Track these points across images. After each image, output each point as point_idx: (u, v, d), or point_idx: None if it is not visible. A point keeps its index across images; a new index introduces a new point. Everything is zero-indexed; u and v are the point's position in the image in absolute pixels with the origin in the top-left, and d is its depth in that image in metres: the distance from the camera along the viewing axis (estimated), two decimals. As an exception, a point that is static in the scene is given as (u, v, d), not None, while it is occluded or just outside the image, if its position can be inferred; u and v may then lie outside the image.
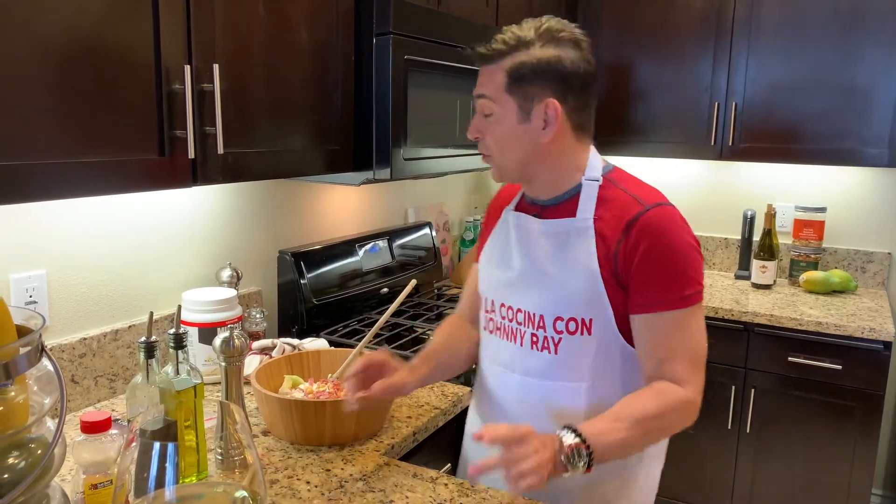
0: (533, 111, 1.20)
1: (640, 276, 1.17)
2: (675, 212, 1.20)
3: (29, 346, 0.75)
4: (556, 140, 1.21)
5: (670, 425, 1.18)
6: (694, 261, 1.18)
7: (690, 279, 1.17)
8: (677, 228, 1.18)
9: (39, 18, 1.07)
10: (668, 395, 1.16)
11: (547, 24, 1.22)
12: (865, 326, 2.39)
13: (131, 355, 1.66)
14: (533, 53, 1.19)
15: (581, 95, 1.22)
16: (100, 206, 1.60)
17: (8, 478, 0.72)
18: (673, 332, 1.18)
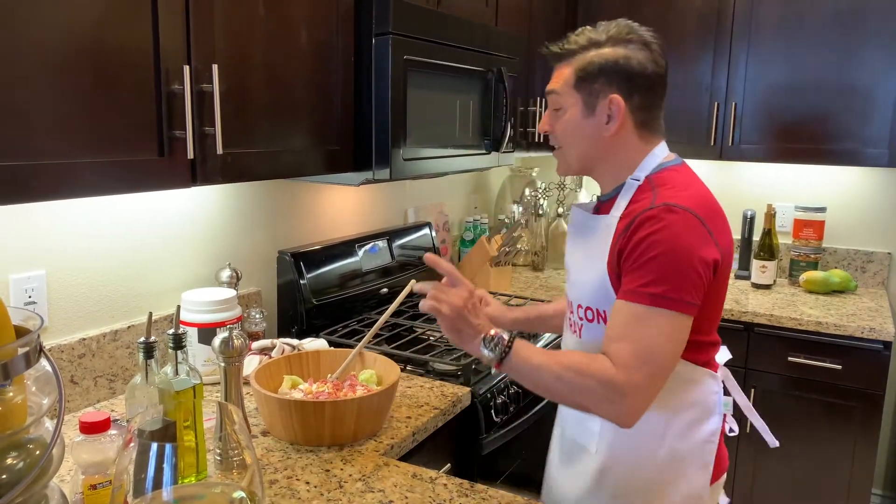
0: (598, 106, 1.28)
1: (625, 266, 1.20)
2: (683, 217, 1.17)
3: (27, 346, 0.75)
4: (619, 135, 1.28)
5: (584, 389, 1.16)
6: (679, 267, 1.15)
7: (666, 281, 1.15)
8: (674, 230, 1.16)
9: (39, 19, 1.07)
10: (596, 364, 1.16)
11: (617, 27, 1.29)
12: (865, 326, 2.39)
13: (130, 356, 1.66)
14: (602, 53, 1.27)
15: (647, 95, 1.28)
16: (99, 206, 1.60)
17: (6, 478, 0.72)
18: (631, 321, 1.17)
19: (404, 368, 1.84)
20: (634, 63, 1.26)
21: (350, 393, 1.46)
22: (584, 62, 1.28)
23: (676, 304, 1.15)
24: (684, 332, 1.18)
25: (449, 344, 1.98)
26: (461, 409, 1.69)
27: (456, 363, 1.80)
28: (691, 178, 1.29)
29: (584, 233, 1.35)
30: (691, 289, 1.16)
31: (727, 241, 1.25)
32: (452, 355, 1.87)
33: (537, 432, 2.16)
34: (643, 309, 1.16)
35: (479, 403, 1.75)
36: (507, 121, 2.23)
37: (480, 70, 2.12)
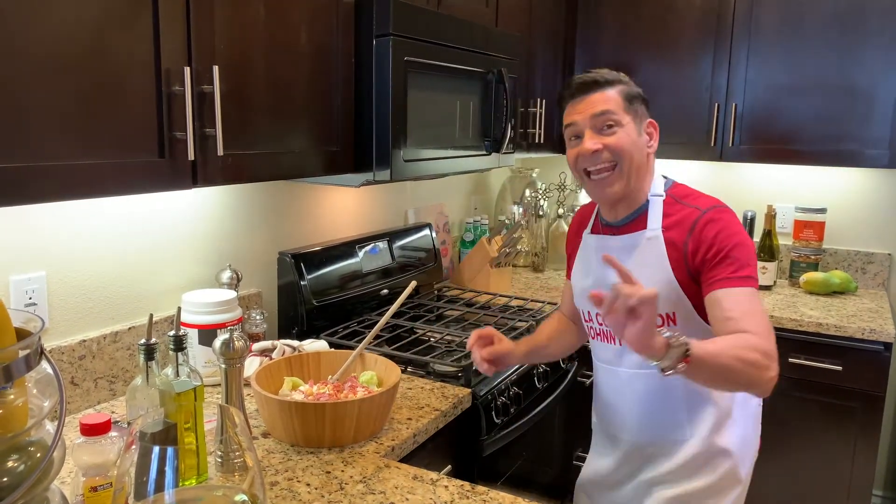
0: (643, 128, 1.47)
1: (707, 261, 1.35)
2: (732, 214, 1.41)
3: (28, 348, 0.75)
4: (651, 155, 1.50)
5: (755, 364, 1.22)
6: (752, 252, 1.37)
7: (749, 265, 1.33)
8: (736, 223, 1.39)
9: (40, 20, 1.07)
10: (749, 339, 1.24)
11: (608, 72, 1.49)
12: (866, 327, 2.39)
13: (131, 357, 1.66)
14: (631, 85, 1.48)
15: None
16: (99, 207, 1.59)
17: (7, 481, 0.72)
18: (742, 301, 1.30)
19: (405, 370, 1.84)
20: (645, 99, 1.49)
21: (351, 394, 1.46)
22: (624, 89, 1.45)
23: (756, 282, 1.35)
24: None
25: (449, 345, 1.98)
26: (462, 410, 1.69)
27: (457, 364, 1.80)
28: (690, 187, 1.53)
29: (623, 252, 1.45)
30: (756, 268, 1.37)
31: None
32: (453, 356, 1.86)
33: (538, 434, 2.16)
34: (745, 290, 1.31)
35: (480, 405, 1.75)
36: (507, 122, 2.23)
37: (481, 71, 2.12)
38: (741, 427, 1.50)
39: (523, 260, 3.24)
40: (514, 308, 2.40)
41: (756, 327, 1.26)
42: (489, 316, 2.29)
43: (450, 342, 2.02)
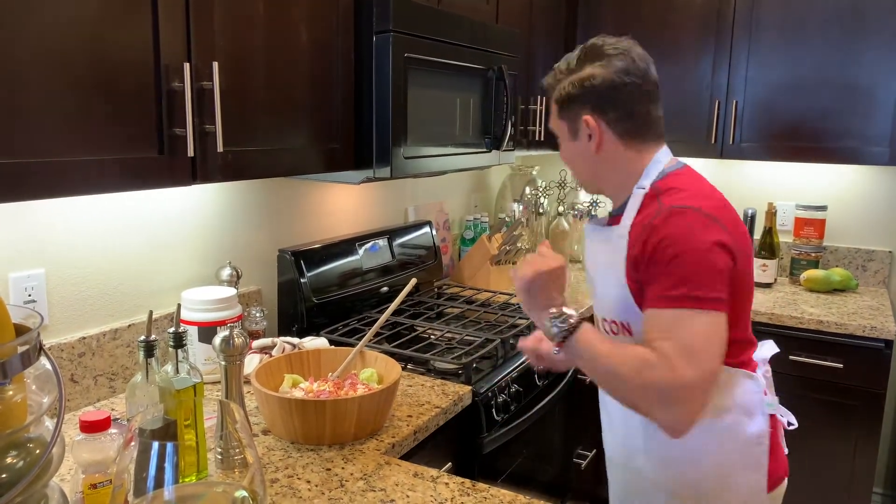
0: (580, 130, 1.33)
1: (647, 275, 1.20)
2: (690, 216, 1.19)
3: (27, 344, 0.75)
4: (604, 150, 1.32)
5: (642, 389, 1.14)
6: (697, 266, 1.15)
7: (688, 281, 1.14)
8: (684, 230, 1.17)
9: (39, 16, 1.06)
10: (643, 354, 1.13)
11: (583, 49, 1.33)
12: (866, 325, 2.39)
13: (131, 354, 1.66)
14: (571, 79, 1.32)
15: (621, 106, 1.29)
16: (99, 204, 1.59)
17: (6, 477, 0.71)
18: (665, 326, 1.15)
19: (405, 367, 1.84)
20: (599, 80, 1.29)
21: (351, 392, 1.46)
22: (560, 93, 1.34)
23: (702, 303, 1.13)
24: (719, 329, 1.14)
25: (450, 343, 1.98)
26: (462, 407, 1.69)
27: (457, 362, 1.80)
28: (694, 178, 1.30)
29: (599, 246, 1.36)
30: (715, 283, 1.15)
31: (741, 233, 1.24)
32: (453, 354, 1.86)
33: (538, 431, 2.16)
34: (673, 313, 1.14)
35: (480, 402, 1.75)
36: (507, 119, 2.23)
37: (481, 68, 2.12)
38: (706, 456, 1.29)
39: (523, 257, 3.23)
40: (514, 306, 2.39)
41: (667, 349, 1.11)
42: (489, 314, 2.29)
43: (450, 340, 2.01)
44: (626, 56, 1.29)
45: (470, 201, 3.21)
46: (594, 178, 1.38)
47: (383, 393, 1.41)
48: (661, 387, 1.11)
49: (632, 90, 1.29)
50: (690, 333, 1.12)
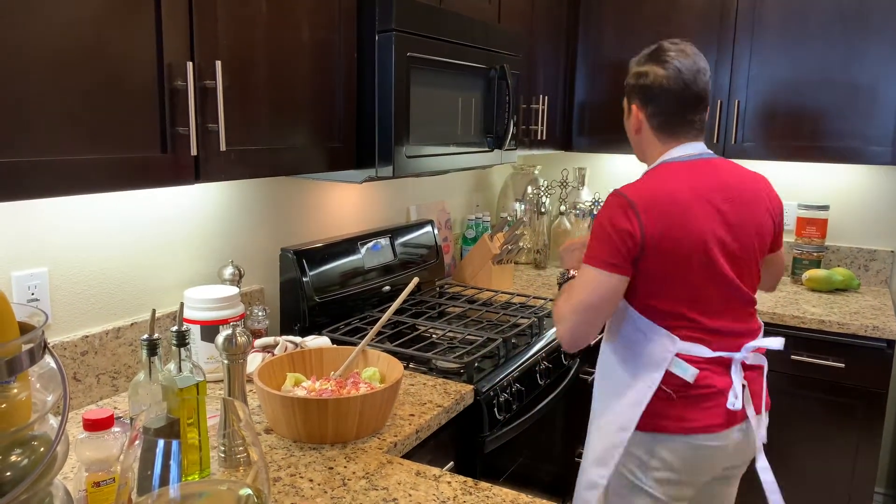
0: (630, 114, 1.67)
1: None
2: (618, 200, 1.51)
3: (31, 343, 0.75)
4: (641, 134, 1.66)
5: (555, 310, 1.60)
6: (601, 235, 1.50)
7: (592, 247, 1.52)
8: (606, 210, 1.52)
9: (41, 15, 1.06)
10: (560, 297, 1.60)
11: (650, 49, 1.64)
12: (868, 325, 2.38)
13: (133, 353, 1.66)
14: (633, 71, 1.65)
15: (661, 104, 1.60)
16: (102, 203, 1.59)
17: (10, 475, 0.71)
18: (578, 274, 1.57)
19: (407, 366, 1.84)
20: (650, 80, 1.60)
21: (353, 391, 1.46)
22: (626, 81, 1.68)
23: (594, 262, 1.51)
24: (608, 285, 1.50)
25: (452, 342, 1.98)
26: (464, 406, 1.69)
27: (459, 361, 1.80)
28: (669, 174, 1.55)
29: None
30: (611, 252, 1.49)
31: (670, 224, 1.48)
32: (455, 353, 1.86)
33: (540, 430, 2.16)
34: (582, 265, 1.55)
35: (482, 401, 1.75)
36: (509, 118, 2.23)
37: (483, 67, 2.12)
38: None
39: (525, 257, 3.23)
40: (516, 305, 2.40)
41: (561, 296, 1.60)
42: (491, 313, 2.29)
43: (452, 339, 2.02)
44: (677, 66, 1.57)
45: (472, 200, 3.21)
46: (637, 152, 1.72)
47: (385, 392, 1.42)
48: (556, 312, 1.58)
49: (672, 96, 1.58)
50: (581, 282, 1.53)
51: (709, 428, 1.52)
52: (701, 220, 1.49)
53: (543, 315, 2.27)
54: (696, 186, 1.52)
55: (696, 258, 1.49)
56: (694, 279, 1.51)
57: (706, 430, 1.52)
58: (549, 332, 2.21)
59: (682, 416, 1.52)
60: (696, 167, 1.56)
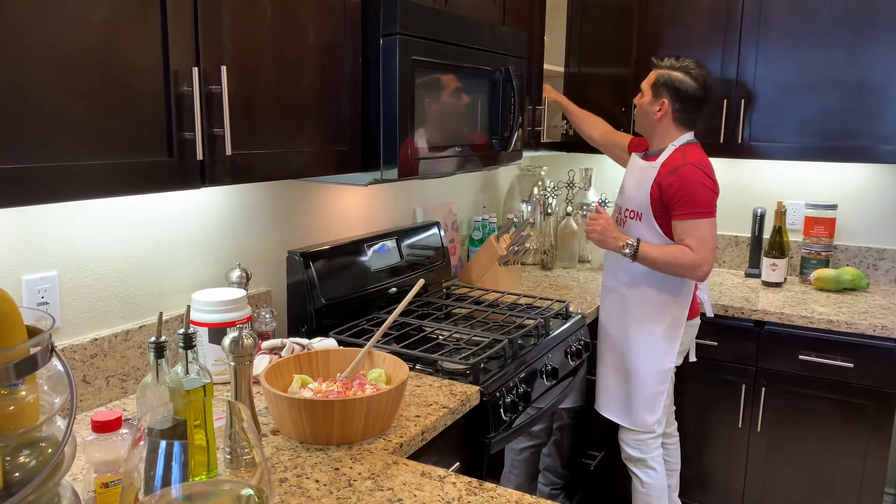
0: (656, 102, 2.26)
1: (672, 200, 2.17)
2: (698, 169, 2.16)
3: (39, 346, 0.76)
4: (661, 120, 2.27)
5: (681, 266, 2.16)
6: (705, 194, 2.14)
7: (701, 203, 2.14)
8: (697, 176, 2.15)
9: (48, 22, 1.08)
10: (684, 251, 2.15)
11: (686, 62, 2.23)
12: (877, 324, 2.37)
13: (142, 355, 1.67)
14: (670, 73, 2.23)
15: (685, 105, 2.24)
16: (110, 207, 1.61)
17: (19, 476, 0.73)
18: (691, 228, 2.15)
19: (413, 367, 1.85)
20: (685, 86, 2.22)
21: (359, 392, 1.47)
22: (659, 77, 2.25)
23: (708, 214, 2.15)
24: (715, 227, 2.17)
25: (458, 343, 1.99)
26: (470, 407, 1.70)
27: (465, 362, 1.80)
28: (700, 150, 2.26)
29: (637, 171, 2.32)
30: (710, 202, 2.15)
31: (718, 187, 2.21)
32: (461, 354, 1.87)
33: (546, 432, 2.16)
34: (693, 221, 2.14)
35: (488, 402, 1.75)
36: (514, 120, 2.23)
37: (488, 69, 2.12)
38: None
39: (532, 258, 3.23)
40: (522, 306, 2.40)
41: (692, 245, 2.14)
42: (497, 314, 2.30)
43: (458, 340, 2.02)
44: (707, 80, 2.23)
45: (478, 202, 3.21)
46: (648, 129, 2.32)
47: (391, 393, 1.43)
48: (693, 260, 2.14)
49: (695, 102, 2.23)
50: (704, 230, 2.14)
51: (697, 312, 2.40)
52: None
53: (550, 316, 2.27)
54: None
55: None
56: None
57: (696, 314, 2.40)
58: (555, 332, 2.21)
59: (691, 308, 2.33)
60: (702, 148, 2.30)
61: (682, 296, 2.28)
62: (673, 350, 2.30)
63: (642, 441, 2.37)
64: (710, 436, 2.68)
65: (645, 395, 2.32)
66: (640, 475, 2.40)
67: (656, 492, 2.38)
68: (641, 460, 2.38)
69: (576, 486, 2.55)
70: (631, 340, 2.32)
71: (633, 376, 2.33)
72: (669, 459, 2.53)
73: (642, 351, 2.30)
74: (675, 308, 2.28)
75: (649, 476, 2.38)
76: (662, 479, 2.39)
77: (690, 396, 2.69)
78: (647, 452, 2.37)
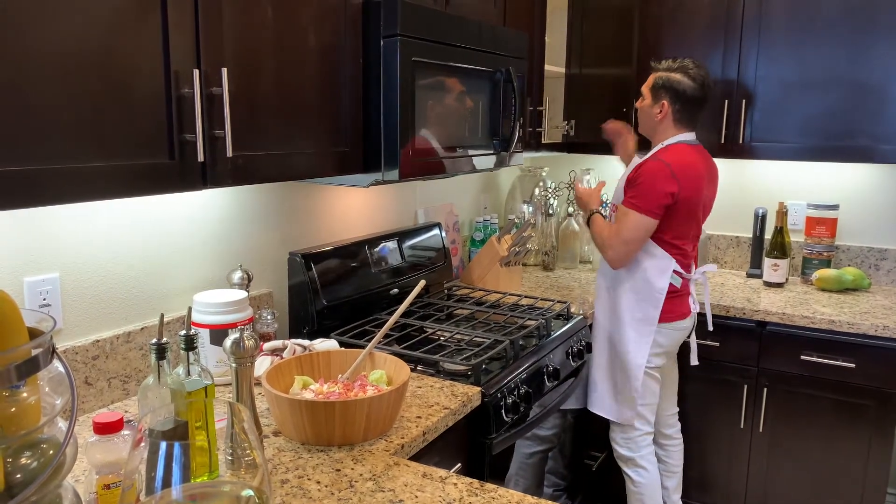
0: (656, 104, 2.30)
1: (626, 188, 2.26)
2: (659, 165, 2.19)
3: (40, 347, 0.76)
4: (662, 120, 2.30)
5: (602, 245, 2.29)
6: (648, 188, 2.17)
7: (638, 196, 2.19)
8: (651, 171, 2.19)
9: (50, 24, 1.08)
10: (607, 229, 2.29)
11: (684, 61, 2.27)
12: (879, 324, 2.37)
13: (144, 357, 1.68)
14: (669, 75, 2.26)
15: (684, 105, 2.27)
16: (112, 209, 1.61)
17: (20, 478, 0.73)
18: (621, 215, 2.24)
19: (414, 368, 1.85)
20: (683, 86, 2.25)
21: (360, 393, 1.47)
22: (658, 79, 2.28)
23: (642, 209, 2.18)
24: (644, 225, 2.19)
25: (459, 344, 1.99)
26: (471, 408, 1.70)
27: (466, 363, 1.80)
28: (685, 150, 2.25)
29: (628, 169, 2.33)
30: (652, 202, 2.17)
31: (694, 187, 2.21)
32: (462, 355, 1.87)
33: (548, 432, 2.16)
34: (624, 209, 2.22)
35: (490, 403, 1.75)
36: (516, 121, 2.24)
37: (489, 70, 2.13)
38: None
39: (533, 259, 3.23)
40: (523, 307, 2.40)
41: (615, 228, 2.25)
42: (499, 315, 2.30)
43: (459, 341, 2.02)
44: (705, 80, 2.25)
45: (479, 203, 3.21)
46: (650, 131, 2.36)
47: (392, 394, 1.43)
48: (605, 239, 2.26)
49: (694, 101, 2.26)
50: (626, 221, 2.21)
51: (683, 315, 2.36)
52: (702, 186, 2.24)
53: (551, 317, 2.27)
54: (702, 163, 2.26)
55: (696, 212, 2.27)
56: (692, 225, 2.30)
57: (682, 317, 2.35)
58: (556, 333, 2.21)
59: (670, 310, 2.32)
60: (698, 150, 2.30)
61: (653, 295, 2.29)
62: (644, 348, 2.31)
63: (630, 439, 2.38)
64: (712, 436, 2.68)
65: (620, 388, 2.37)
66: (631, 474, 2.41)
67: (649, 491, 2.38)
68: (631, 459, 2.39)
69: (578, 487, 2.55)
70: (612, 336, 2.38)
71: (613, 371, 2.39)
72: (670, 461, 2.53)
73: (619, 346, 2.36)
74: (647, 306, 2.30)
75: (640, 475, 2.39)
76: (654, 478, 2.39)
77: (692, 397, 2.68)
78: (636, 451, 2.38)
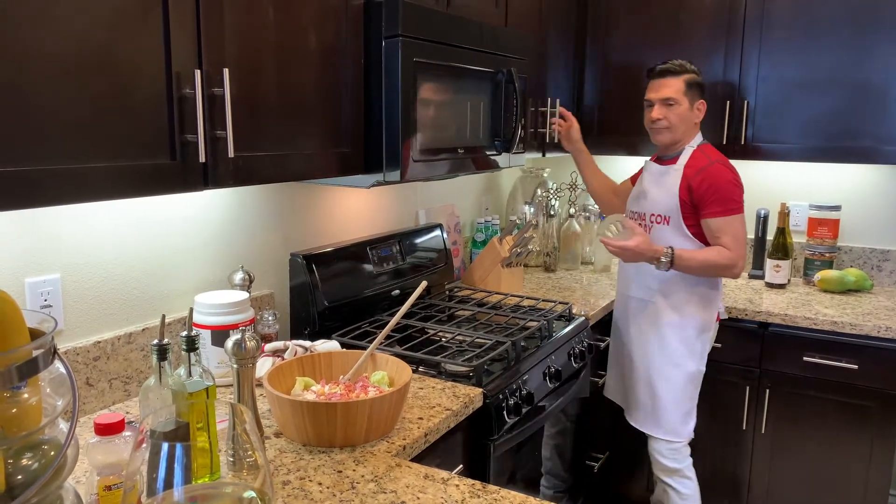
0: (695, 105, 2.28)
1: (703, 198, 2.20)
2: (728, 166, 2.24)
3: (41, 348, 0.76)
4: (698, 123, 2.32)
5: (718, 267, 2.19)
6: (734, 190, 2.19)
7: (732, 199, 2.18)
8: (726, 174, 2.20)
9: (51, 25, 1.08)
10: (722, 252, 2.18)
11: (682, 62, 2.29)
12: (882, 325, 2.37)
13: (145, 358, 1.68)
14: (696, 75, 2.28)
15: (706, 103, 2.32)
16: (113, 210, 1.61)
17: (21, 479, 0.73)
18: (724, 225, 2.19)
19: (416, 369, 1.84)
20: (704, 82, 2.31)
21: (362, 394, 1.47)
22: (690, 78, 2.26)
23: (739, 210, 2.19)
24: (744, 224, 2.22)
25: (461, 345, 1.98)
26: (473, 410, 1.69)
27: (468, 364, 1.80)
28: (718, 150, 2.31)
29: (658, 175, 2.33)
30: (741, 199, 2.21)
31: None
32: (464, 356, 1.87)
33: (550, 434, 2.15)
34: (727, 218, 2.18)
35: (491, 404, 1.75)
36: (517, 121, 2.23)
37: (490, 71, 2.12)
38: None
39: (535, 260, 3.23)
40: (525, 308, 2.40)
41: (727, 243, 2.19)
42: (500, 316, 2.29)
43: (461, 342, 2.02)
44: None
45: (481, 204, 3.21)
46: (681, 135, 2.29)
47: (394, 395, 1.42)
48: (730, 258, 2.18)
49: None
50: (738, 226, 2.19)
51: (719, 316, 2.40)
52: None
53: (553, 318, 2.27)
54: None
55: None
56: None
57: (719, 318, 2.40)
58: (558, 334, 2.21)
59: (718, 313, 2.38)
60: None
61: (713, 297, 2.31)
62: (704, 353, 2.32)
63: (676, 450, 2.34)
64: (715, 438, 2.67)
65: (679, 402, 2.30)
66: (677, 486, 2.36)
67: (693, 501, 2.36)
68: (677, 471, 2.35)
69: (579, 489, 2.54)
70: (666, 348, 2.30)
71: (665, 384, 2.31)
72: None
73: (676, 357, 2.29)
74: (706, 310, 2.29)
75: (685, 486, 2.35)
76: (697, 487, 2.36)
77: (694, 398, 2.68)
78: (682, 462, 2.34)
